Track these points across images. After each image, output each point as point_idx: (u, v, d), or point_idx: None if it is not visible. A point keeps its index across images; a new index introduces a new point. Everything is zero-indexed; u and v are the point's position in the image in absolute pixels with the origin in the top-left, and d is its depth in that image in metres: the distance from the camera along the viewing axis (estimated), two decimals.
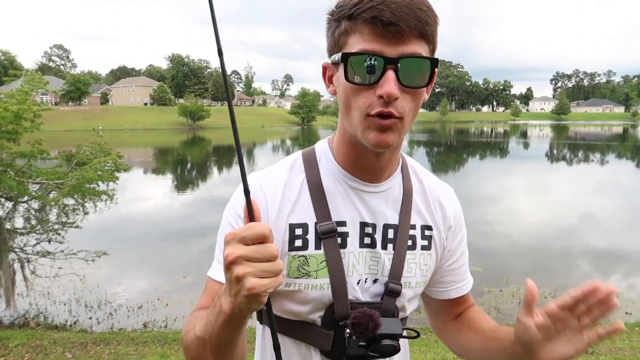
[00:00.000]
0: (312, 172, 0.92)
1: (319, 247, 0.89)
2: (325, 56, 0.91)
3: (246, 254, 0.65)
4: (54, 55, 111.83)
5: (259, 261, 0.66)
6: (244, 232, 0.66)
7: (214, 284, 0.89)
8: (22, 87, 6.24)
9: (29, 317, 6.52)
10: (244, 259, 0.65)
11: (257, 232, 0.66)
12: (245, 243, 0.66)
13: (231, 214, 0.91)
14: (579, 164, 28.60)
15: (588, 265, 9.13)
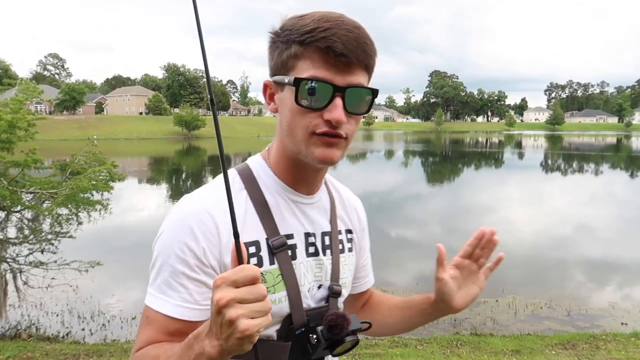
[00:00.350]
0: (253, 188, 0.93)
1: (273, 262, 0.91)
2: None
3: (238, 297, 0.65)
4: (48, 64, 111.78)
5: (251, 302, 0.66)
6: (235, 276, 0.66)
7: (159, 317, 0.83)
8: (16, 96, 6.22)
9: (21, 328, 6.43)
10: (235, 302, 0.65)
11: (248, 274, 0.66)
12: (236, 286, 0.66)
13: (178, 245, 0.83)
14: (574, 174, 28.74)
15: (583, 275, 9.14)
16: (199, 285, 0.83)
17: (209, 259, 0.84)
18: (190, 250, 0.82)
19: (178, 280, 0.82)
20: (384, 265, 9.76)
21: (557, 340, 5.69)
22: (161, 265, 0.84)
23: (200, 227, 0.83)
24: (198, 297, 0.83)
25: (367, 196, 18.86)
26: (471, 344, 5.63)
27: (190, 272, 0.82)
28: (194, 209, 0.85)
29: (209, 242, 0.83)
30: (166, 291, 0.83)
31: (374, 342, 5.80)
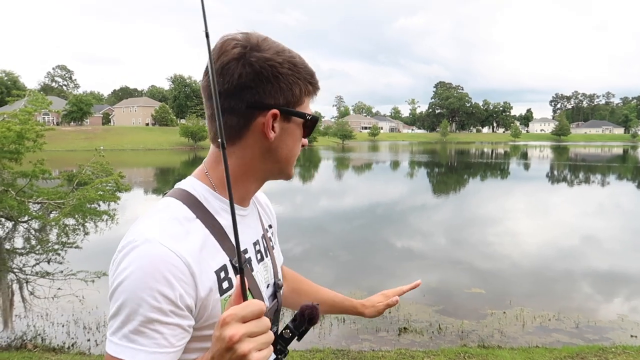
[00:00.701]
0: (204, 214, 0.92)
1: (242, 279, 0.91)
2: (326, 79, 0.96)
3: (249, 331, 0.69)
4: (57, 75, 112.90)
5: (259, 335, 0.70)
6: (243, 311, 0.69)
7: None
8: (25, 107, 6.28)
9: (27, 338, 6.43)
10: (246, 337, 0.69)
11: (255, 309, 0.70)
12: (244, 321, 0.69)
13: (150, 293, 0.79)
14: (580, 185, 28.57)
15: (591, 287, 9.05)
16: (173, 329, 0.81)
17: (186, 301, 0.82)
18: (165, 297, 0.79)
19: (152, 328, 0.79)
20: (389, 276, 9.72)
21: (566, 353, 5.62)
22: (129, 315, 0.79)
23: (172, 272, 0.80)
24: (173, 340, 0.81)
25: (372, 207, 18.85)
26: (479, 356, 5.57)
27: (165, 318, 0.80)
28: (160, 252, 0.80)
29: (184, 284, 0.82)
30: (137, 340, 0.79)
31: (381, 355, 5.75)
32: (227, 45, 0.89)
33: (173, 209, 0.90)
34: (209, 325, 0.87)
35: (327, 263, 10.66)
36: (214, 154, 0.98)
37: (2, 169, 6.03)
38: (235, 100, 0.89)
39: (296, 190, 24.62)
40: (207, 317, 0.87)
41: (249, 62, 0.88)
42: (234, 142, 0.93)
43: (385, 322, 7.10)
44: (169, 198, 0.93)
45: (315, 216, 17.03)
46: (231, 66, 0.88)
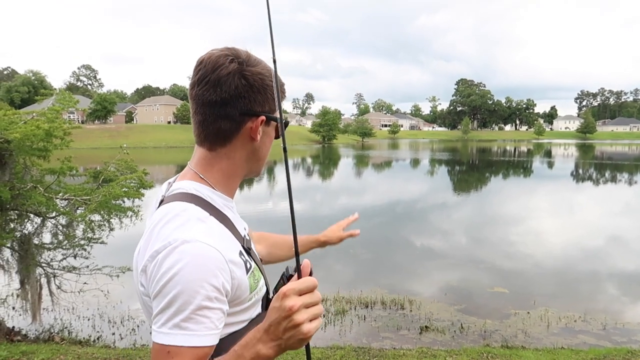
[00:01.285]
0: (214, 212, 1.04)
1: (252, 258, 1.08)
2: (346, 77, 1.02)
3: (305, 303, 0.83)
4: (81, 75, 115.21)
5: (312, 305, 0.84)
6: (300, 286, 0.85)
7: (185, 350, 0.89)
8: (53, 105, 6.41)
9: (54, 331, 6.58)
10: (303, 308, 0.83)
11: (310, 284, 0.86)
12: (300, 294, 0.84)
13: (201, 284, 0.90)
14: (606, 184, 27.95)
15: (618, 288, 8.84)
16: (217, 313, 0.93)
17: (226, 287, 0.94)
18: (212, 286, 0.91)
19: (201, 314, 0.90)
20: (410, 275, 9.66)
21: (592, 355, 5.51)
22: (182, 305, 0.89)
23: (215, 264, 0.92)
24: (217, 323, 0.93)
25: (392, 205, 18.75)
26: (502, 356, 5.49)
27: (212, 304, 0.91)
28: (202, 248, 0.92)
29: (225, 273, 0.94)
30: (188, 327, 0.89)
31: (402, 353, 5.72)
32: (224, 60, 1.02)
33: (191, 212, 0.99)
34: (241, 301, 1.02)
35: (347, 261, 10.65)
36: (205, 158, 1.09)
37: (31, 166, 6.17)
38: (231, 108, 1.02)
39: (316, 188, 24.63)
40: (240, 295, 1.00)
41: (244, 76, 1.02)
42: (225, 144, 1.07)
43: (406, 320, 7.06)
44: (181, 202, 1.01)
45: (334, 214, 17.01)
46: (229, 79, 1.01)
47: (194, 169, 1.10)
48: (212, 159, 1.08)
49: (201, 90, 1.03)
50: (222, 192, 1.09)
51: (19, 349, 5.52)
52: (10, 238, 5.99)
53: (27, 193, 5.87)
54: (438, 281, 9.10)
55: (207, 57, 1.04)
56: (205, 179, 1.07)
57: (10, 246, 6.28)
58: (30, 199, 5.83)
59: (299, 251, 1.31)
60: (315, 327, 0.83)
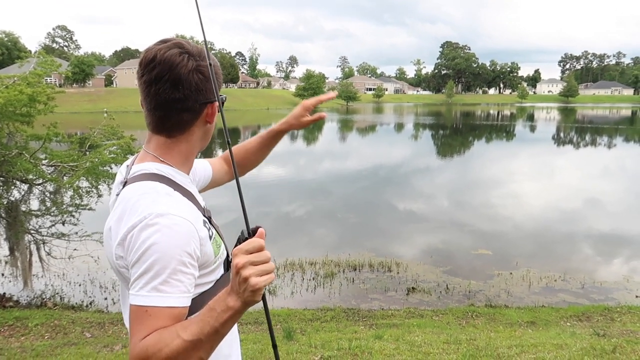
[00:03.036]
0: (178, 187, 1.14)
1: (212, 225, 1.20)
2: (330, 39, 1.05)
3: (250, 260, 0.90)
4: (57, 36, 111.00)
5: (258, 264, 0.91)
6: (247, 246, 0.92)
7: (162, 310, 0.98)
8: (35, 69, 6.23)
9: (46, 297, 6.63)
10: (249, 264, 0.90)
11: (256, 244, 0.92)
12: (248, 253, 0.91)
13: (178, 251, 1.01)
14: (586, 147, 28.44)
15: (596, 248, 9.16)
16: (190, 278, 1.02)
17: (197, 253, 1.05)
18: (186, 253, 1.01)
19: (175, 278, 0.99)
20: (396, 238, 9.85)
21: (571, 312, 5.77)
22: (159, 270, 0.98)
23: (189, 234, 1.03)
24: (189, 287, 1.02)
25: (376, 169, 18.87)
26: (486, 315, 5.72)
27: (185, 269, 1.01)
28: (174, 220, 1.02)
29: (195, 240, 1.04)
30: (164, 290, 0.98)
31: (390, 313, 5.91)
32: (180, 59, 1.10)
33: (159, 188, 1.10)
34: (207, 264, 1.12)
35: (335, 225, 10.79)
36: (164, 143, 1.17)
37: (15, 132, 6.06)
38: (192, 102, 1.12)
39: (300, 153, 24.62)
40: (206, 260, 1.11)
41: (200, 71, 1.12)
42: (184, 131, 1.17)
43: (393, 282, 7.25)
44: (147, 182, 1.11)
45: (318, 178, 17.10)
46: (189, 76, 1.10)
47: (153, 153, 1.18)
48: (171, 143, 1.17)
49: (161, 90, 1.10)
50: (182, 170, 1.20)
51: (12, 314, 5.57)
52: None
53: (13, 160, 5.79)
54: (423, 244, 9.32)
55: (159, 55, 1.10)
56: (165, 161, 1.17)
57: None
58: (16, 166, 5.76)
59: (274, 142, 1.71)
60: (263, 281, 0.90)
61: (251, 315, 5.70)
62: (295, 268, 7.70)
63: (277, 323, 5.40)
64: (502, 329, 5.16)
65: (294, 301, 6.60)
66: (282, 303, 6.50)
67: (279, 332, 5.00)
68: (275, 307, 6.29)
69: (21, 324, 5.31)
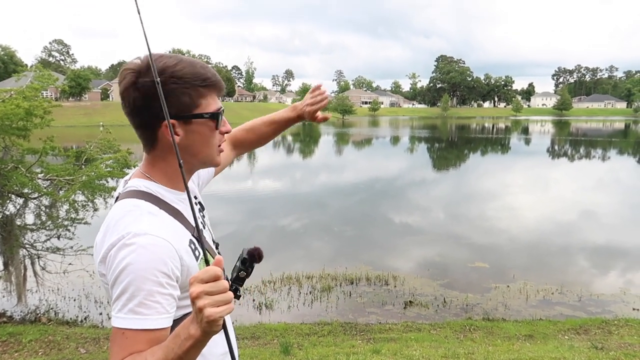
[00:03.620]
0: (164, 206, 1.13)
1: (202, 246, 1.09)
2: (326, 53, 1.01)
3: (205, 290, 0.86)
4: (53, 50, 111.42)
5: (215, 294, 0.87)
6: (203, 275, 0.88)
7: (139, 333, 0.98)
8: (32, 83, 6.25)
9: (40, 312, 6.56)
10: (204, 294, 0.86)
11: (212, 273, 0.88)
12: (204, 282, 0.87)
13: (152, 272, 1.00)
14: (581, 160, 28.60)
15: (592, 261, 9.17)
16: (168, 298, 1.01)
17: (176, 273, 1.04)
18: (162, 273, 1.00)
19: (153, 300, 0.99)
20: (393, 251, 9.84)
21: (569, 325, 5.75)
22: (134, 292, 0.98)
23: (165, 252, 1.02)
24: (168, 308, 1.02)
25: (371, 182, 18.90)
26: (484, 328, 5.70)
27: (162, 290, 1.00)
28: (151, 240, 1.01)
29: (174, 260, 1.03)
30: (141, 312, 0.98)
31: (388, 327, 5.88)
32: (124, 74, 1.09)
33: (143, 207, 1.09)
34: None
35: (331, 238, 10.77)
36: (147, 159, 1.18)
37: (12, 145, 6.04)
38: (139, 118, 1.11)
39: (296, 166, 24.64)
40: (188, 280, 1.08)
41: (137, 88, 1.07)
42: (155, 147, 1.14)
43: (391, 295, 7.22)
44: (133, 199, 1.11)
45: (314, 191, 17.10)
46: (128, 93, 1.09)
47: (141, 169, 1.19)
48: (152, 160, 1.17)
49: (125, 106, 1.12)
50: (171, 188, 1.17)
51: (6, 330, 5.50)
52: None
53: (9, 173, 5.77)
54: (420, 257, 9.30)
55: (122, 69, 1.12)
56: (152, 178, 1.17)
57: None
58: (11, 180, 5.73)
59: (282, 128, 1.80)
60: (219, 312, 0.87)
61: (247, 330, 5.66)
62: (292, 282, 7.66)
63: (274, 338, 5.37)
64: (500, 343, 5.13)
65: (290, 315, 6.56)
66: (278, 317, 6.46)
67: (276, 347, 4.96)
68: (272, 321, 6.25)
69: (15, 340, 5.24)
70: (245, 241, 10.14)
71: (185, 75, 1.09)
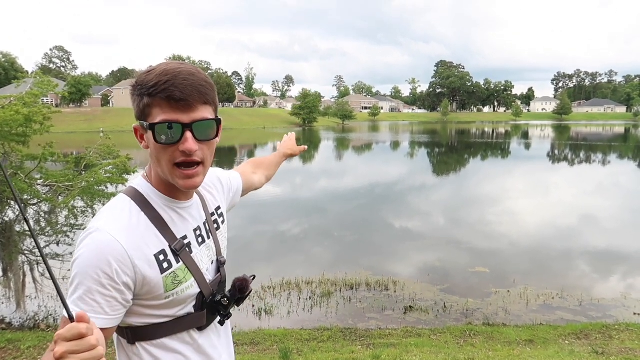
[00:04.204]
0: (147, 208, 1.13)
1: (178, 261, 1.14)
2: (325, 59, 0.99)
3: (69, 349, 0.82)
4: (54, 57, 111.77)
5: (81, 352, 0.82)
6: (66, 333, 0.83)
7: None
8: (31, 90, 6.26)
9: (39, 319, 6.54)
10: (68, 354, 0.81)
11: (75, 332, 0.82)
12: (66, 340, 0.82)
13: (94, 270, 1.00)
14: (581, 164, 28.59)
15: (593, 266, 9.14)
16: (109, 300, 1.01)
17: (122, 278, 1.02)
18: (104, 274, 1.00)
19: (91, 297, 1.00)
20: (393, 256, 9.82)
21: (570, 330, 5.73)
22: (78, 285, 1.00)
23: (112, 254, 1.01)
24: (107, 309, 1.01)
25: (371, 187, 18.90)
26: (484, 334, 5.67)
27: (104, 290, 1.00)
28: (105, 238, 1.02)
29: (122, 265, 1.02)
30: (79, 305, 1.00)
31: (388, 333, 5.86)
32: None
33: (123, 205, 1.11)
34: (154, 297, 1.10)
35: (331, 244, 10.75)
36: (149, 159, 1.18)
37: (11, 152, 6.05)
38: None
39: (296, 171, 24.64)
40: (150, 291, 1.08)
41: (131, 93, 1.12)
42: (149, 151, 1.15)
43: (391, 301, 7.20)
44: (123, 195, 1.14)
45: (314, 196, 17.09)
46: None
47: (145, 168, 1.21)
48: (151, 162, 1.17)
49: None
50: (163, 192, 1.16)
51: (5, 337, 5.48)
52: None
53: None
54: (420, 262, 9.28)
55: None
56: (148, 178, 1.18)
57: None
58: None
59: (275, 167, 1.90)
60: None
61: (247, 336, 5.63)
62: (291, 287, 7.64)
63: (273, 344, 5.35)
64: (501, 348, 5.11)
65: (290, 321, 6.54)
66: (278, 323, 6.44)
67: (275, 353, 4.94)
68: (271, 327, 6.22)
69: (13, 347, 5.22)
70: (245, 247, 10.16)
71: (139, 82, 1.09)
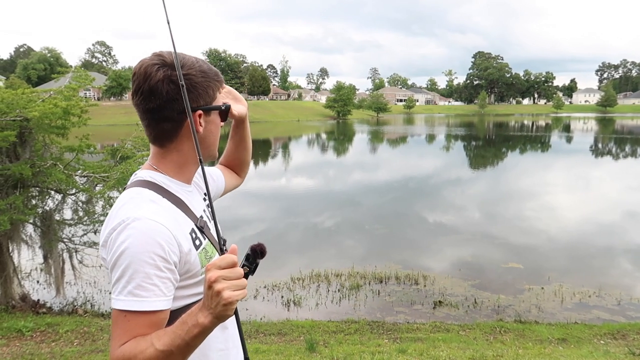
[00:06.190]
0: (167, 195, 1.18)
1: (205, 237, 1.21)
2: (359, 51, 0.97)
3: (222, 275, 0.93)
4: (96, 51, 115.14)
5: (231, 279, 0.93)
6: (220, 262, 0.94)
7: (139, 315, 1.01)
8: (70, 83, 6.47)
9: (77, 304, 6.80)
10: (221, 279, 0.92)
11: (229, 260, 0.95)
12: (220, 269, 0.93)
13: (148, 255, 1.03)
14: (626, 158, 27.47)
15: (633, 264, 8.79)
16: (165, 282, 1.04)
17: (173, 258, 1.06)
18: (158, 256, 1.03)
19: (150, 282, 1.02)
20: (424, 250, 9.71)
21: (606, 330, 5.53)
22: (132, 274, 1.01)
23: (162, 237, 1.05)
24: (165, 291, 1.05)
25: (405, 181, 18.71)
26: (515, 331, 5.55)
27: (160, 272, 1.03)
28: (150, 224, 1.05)
29: (171, 245, 1.06)
30: (140, 294, 1.01)
31: (415, 327, 5.81)
32: (152, 69, 1.12)
33: (145, 194, 1.13)
34: (191, 275, 1.14)
35: (362, 237, 10.72)
36: (158, 153, 1.21)
37: (51, 143, 6.29)
38: (168, 111, 1.13)
39: (330, 164, 24.65)
40: (189, 269, 1.13)
41: (172, 81, 1.12)
42: (172, 140, 1.18)
43: (420, 295, 7.13)
44: (137, 188, 1.16)
45: (347, 189, 17.05)
46: (159, 86, 1.11)
47: (149, 162, 1.23)
48: (164, 153, 1.20)
49: (139, 100, 1.14)
50: (177, 179, 1.22)
51: (45, 320, 5.74)
52: (32, 214, 6.15)
53: (48, 170, 6.00)
54: (452, 257, 9.14)
55: (138, 67, 1.15)
56: (158, 170, 1.20)
57: (33, 222, 6.45)
58: (50, 176, 5.96)
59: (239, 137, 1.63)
60: (236, 295, 0.93)
61: (275, 327, 5.70)
62: (320, 279, 7.67)
63: (300, 335, 5.39)
64: (532, 346, 4.99)
65: (318, 313, 6.57)
66: (306, 314, 6.48)
67: (302, 344, 4.98)
68: (299, 318, 6.27)
69: (52, 330, 5.46)
70: (278, 238, 10.27)
71: (207, 71, 1.19)
